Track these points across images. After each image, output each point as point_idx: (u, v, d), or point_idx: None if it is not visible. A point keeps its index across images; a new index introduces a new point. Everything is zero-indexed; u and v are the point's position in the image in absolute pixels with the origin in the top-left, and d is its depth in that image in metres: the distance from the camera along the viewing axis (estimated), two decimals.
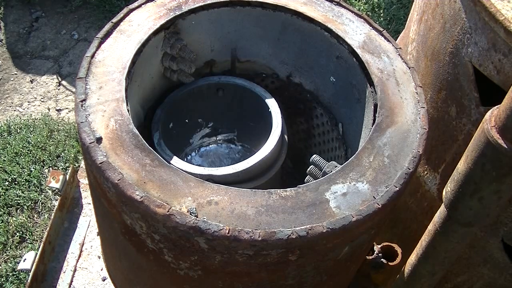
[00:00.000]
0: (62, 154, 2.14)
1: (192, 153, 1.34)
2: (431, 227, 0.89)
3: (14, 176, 2.04)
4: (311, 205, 0.74)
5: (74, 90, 2.46)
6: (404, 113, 0.89)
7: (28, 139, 2.17)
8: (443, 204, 0.83)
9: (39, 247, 1.56)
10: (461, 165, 0.76)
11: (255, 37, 1.14)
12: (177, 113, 1.17)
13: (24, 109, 2.46)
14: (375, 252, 1.14)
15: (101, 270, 1.52)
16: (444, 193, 0.82)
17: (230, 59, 1.20)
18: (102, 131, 0.80)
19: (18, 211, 1.95)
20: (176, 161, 0.98)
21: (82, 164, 1.88)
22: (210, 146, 1.36)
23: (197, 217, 0.70)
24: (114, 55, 0.92)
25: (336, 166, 0.87)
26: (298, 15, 1.05)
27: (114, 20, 0.98)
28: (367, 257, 1.12)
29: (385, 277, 1.19)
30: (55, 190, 1.91)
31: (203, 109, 1.24)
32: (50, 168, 2.07)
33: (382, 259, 1.14)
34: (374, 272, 1.17)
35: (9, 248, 1.84)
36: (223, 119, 1.31)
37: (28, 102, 2.49)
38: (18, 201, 1.97)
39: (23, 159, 2.09)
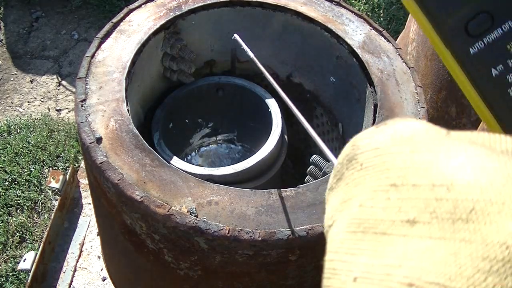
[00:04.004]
0: (62, 154, 2.14)
1: (192, 153, 1.34)
2: None
3: (14, 176, 2.03)
4: (311, 205, 0.74)
5: (74, 90, 2.46)
6: (404, 113, 0.89)
7: (28, 139, 2.17)
8: None
9: (39, 247, 1.56)
10: None
11: (255, 37, 1.14)
12: (177, 113, 1.17)
13: (24, 109, 2.46)
14: None
15: (101, 270, 1.52)
16: None
17: (230, 59, 1.20)
18: (102, 131, 0.80)
19: (18, 211, 1.94)
20: (176, 161, 0.98)
21: (82, 164, 1.88)
22: (210, 146, 1.36)
23: (197, 217, 0.70)
24: (114, 55, 0.92)
25: None
26: (298, 15, 1.05)
27: (114, 20, 0.98)
28: None
29: None
30: (55, 190, 1.91)
31: (203, 109, 1.24)
32: (50, 168, 2.07)
33: None
34: None
35: (9, 248, 1.84)
36: (223, 119, 1.31)
37: (28, 102, 2.48)
38: (18, 201, 1.96)
39: (23, 159, 2.09)
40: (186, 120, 1.25)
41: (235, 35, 0.81)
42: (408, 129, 0.21)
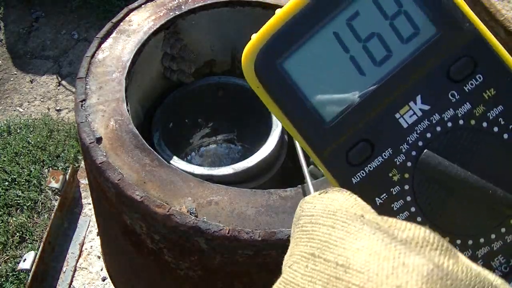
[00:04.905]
0: (62, 154, 2.13)
1: (192, 153, 1.34)
2: None
3: (14, 176, 2.03)
4: None
5: (74, 90, 2.46)
6: None
7: (28, 139, 2.17)
8: None
9: (39, 247, 1.56)
10: None
11: None
12: (177, 113, 1.17)
13: (24, 109, 2.46)
14: None
15: (101, 270, 1.52)
16: None
17: (230, 59, 1.20)
18: (102, 131, 0.80)
19: (18, 211, 1.94)
20: (176, 161, 0.98)
21: (82, 164, 1.88)
22: (210, 146, 1.36)
23: (197, 217, 0.70)
24: (114, 55, 0.92)
25: None
26: None
27: (114, 20, 0.98)
28: None
29: None
30: (55, 190, 1.91)
31: (203, 109, 1.24)
32: (50, 168, 2.07)
33: None
34: None
35: (9, 248, 1.84)
36: (223, 119, 1.31)
37: (28, 102, 2.49)
38: (18, 201, 1.96)
39: (23, 159, 2.08)
40: (186, 120, 1.25)
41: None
42: (336, 203, 0.23)
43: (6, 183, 2.01)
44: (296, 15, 0.28)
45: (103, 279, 1.51)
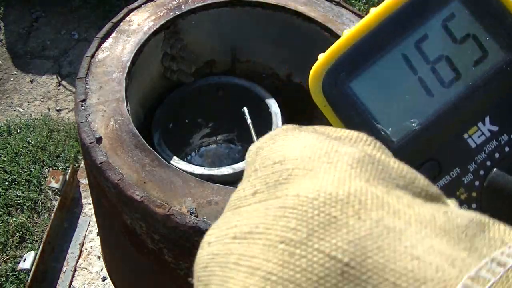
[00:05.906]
0: (62, 154, 2.13)
1: (192, 153, 1.34)
2: None
3: (14, 176, 2.03)
4: None
5: (74, 90, 2.46)
6: None
7: (28, 139, 2.17)
8: None
9: (39, 247, 1.56)
10: None
11: (255, 37, 1.14)
12: (177, 113, 1.17)
13: (24, 109, 2.46)
14: None
15: (101, 270, 1.52)
16: None
17: (230, 59, 1.20)
18: (102, 131, 0.80)
19: (18, 211, 1.94)
20: (176, 161, 0.98)
21: (82, 164, 1.88)
22: (210, 146, 1.36)
23: (197, 217, 0.70)
24: (114, 55, 0.92)
25: None
26: (298, 15, 1.05)
27: (114, 20, 0.98)
28: None
29: None
30: (55, 190, 1.91)
31: (203, 109, 1.24)
32: (50, 168, 2.07)
33: None
34: None
35: (9, 248, 1.84)
36: (223, 119, 1.31)
37: (28, 102, 2.49)
38: (18, 201, 1.96)
39: (23, 159, 2.09)
40: (186, 120, 1.25)
41: (245, 108, 0.84)
42: (278, 129, 0.25)
43: (6, 183, 2.01)
44: (364, 36, 0.28)
45: (103, 279, 1.51)
